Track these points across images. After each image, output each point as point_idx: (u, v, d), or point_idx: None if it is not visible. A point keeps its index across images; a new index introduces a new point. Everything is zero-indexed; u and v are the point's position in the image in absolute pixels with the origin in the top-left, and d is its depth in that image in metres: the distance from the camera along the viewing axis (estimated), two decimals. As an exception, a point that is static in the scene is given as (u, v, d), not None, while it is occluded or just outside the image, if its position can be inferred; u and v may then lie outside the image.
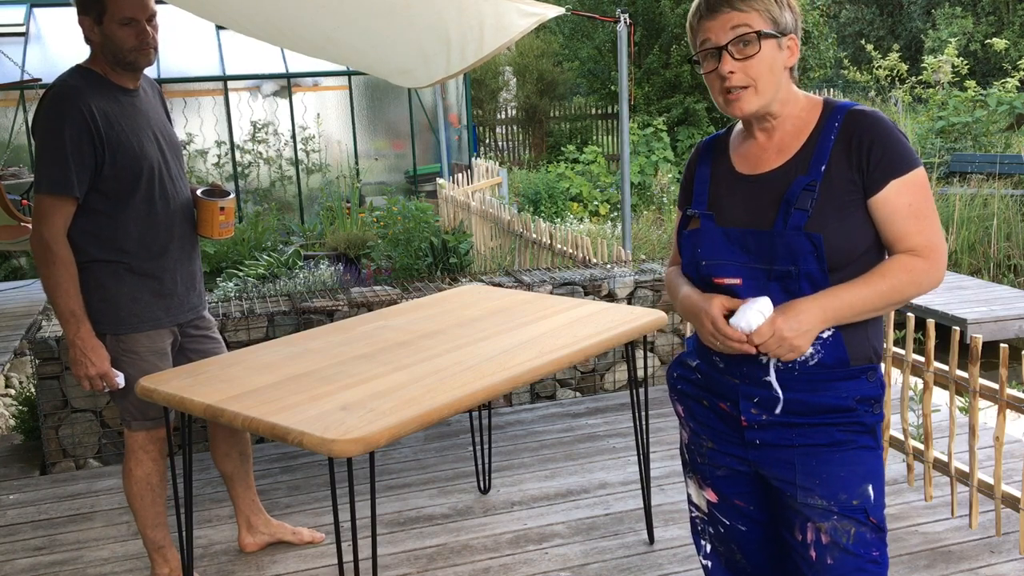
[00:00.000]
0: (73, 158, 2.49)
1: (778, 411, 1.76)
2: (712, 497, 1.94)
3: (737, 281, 1.76)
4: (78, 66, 2.65)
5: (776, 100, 1.75)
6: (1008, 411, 2.96)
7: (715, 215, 1.82)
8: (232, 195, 2.81)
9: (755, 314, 1.68)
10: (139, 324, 2.66)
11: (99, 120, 2.52)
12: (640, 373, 4.32)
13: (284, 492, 3.63)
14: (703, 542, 2.02)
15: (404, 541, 3.19)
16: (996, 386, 2.97)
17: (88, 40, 2.59)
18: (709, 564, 2.02)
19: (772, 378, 1.76)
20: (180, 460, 3.00)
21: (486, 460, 3.58)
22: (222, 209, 2.77)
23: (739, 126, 1.88)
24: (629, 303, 4.73)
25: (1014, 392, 2.94)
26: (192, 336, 2.85)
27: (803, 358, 1.73)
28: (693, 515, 2.03)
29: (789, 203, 1.69)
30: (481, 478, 3.58)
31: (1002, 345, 2.95)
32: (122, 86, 2.63)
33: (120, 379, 2.65)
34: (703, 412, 1.90)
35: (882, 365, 1.84)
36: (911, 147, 1.70)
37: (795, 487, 1.76)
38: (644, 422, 2.97)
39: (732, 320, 1.71)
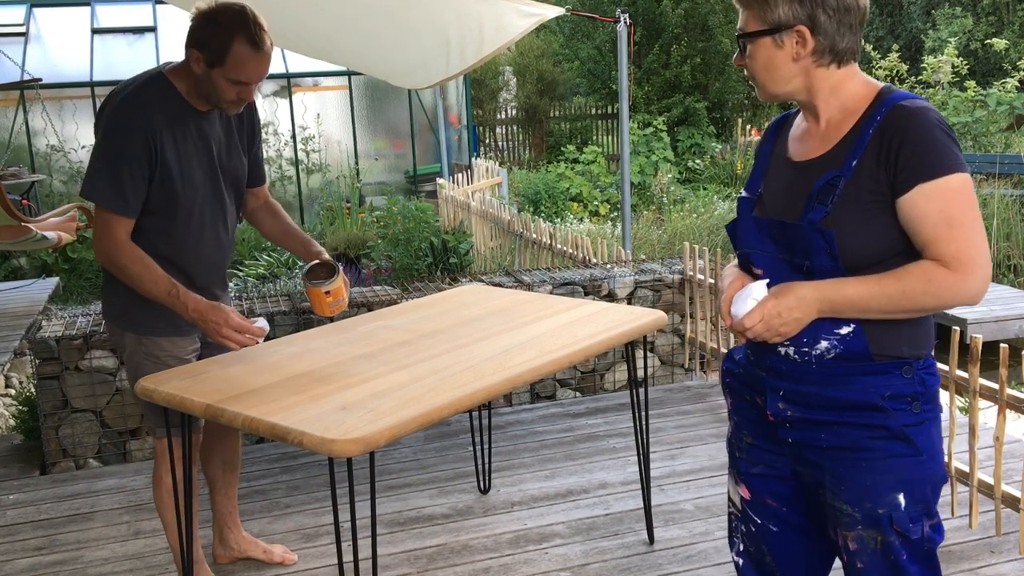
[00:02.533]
0: (128, 179, 2.47)
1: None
2: (745, 494, 1.91)
3: (761, 271, 1.75)
4: (161, 74, 2.58)
5: (795, 91, 1.72)
6: (1008, 411, 2.97)
7: (758, 200, 1.81)
8: (339, 272, 2.76)
9: (749, 300, 1.69)
10: (157, 328, 2.64)
11: (159, 142, 2.49)
12: (640, 373, 4.32)
13: (284, 492, 3.64)
14: (736, 539, 1.99)
15: (404, 541, 3.19)
16: (996, 386, 2.97)
17: (187, 63, 2.52)
18: (740, 562, 1.99)
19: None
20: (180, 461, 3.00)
21: (486, 460, 3.59)
22: (327, 292, 2.75)
23: None
24: (629, 303, 4.73)
25: (1014, 392, 2.94)
26: (210, 343, 2.83)
27: (819, 352, 1.69)
28: (729, 511, 2.01)
29: (812, 196, 1.66)
30: (481, 478, 3.59)
31: (1002, 345, 2.95)
32: (195, 107, 2.59)
33: (261, 322, 2.63)
34: (746, 407, 1.88)
35: (933, 358, 1.76)
36: (954, 150, 1.59)
37: (824, 488, 1.75)
38: (644, 422, 2.97)
39: (732, 306, 1.72)
